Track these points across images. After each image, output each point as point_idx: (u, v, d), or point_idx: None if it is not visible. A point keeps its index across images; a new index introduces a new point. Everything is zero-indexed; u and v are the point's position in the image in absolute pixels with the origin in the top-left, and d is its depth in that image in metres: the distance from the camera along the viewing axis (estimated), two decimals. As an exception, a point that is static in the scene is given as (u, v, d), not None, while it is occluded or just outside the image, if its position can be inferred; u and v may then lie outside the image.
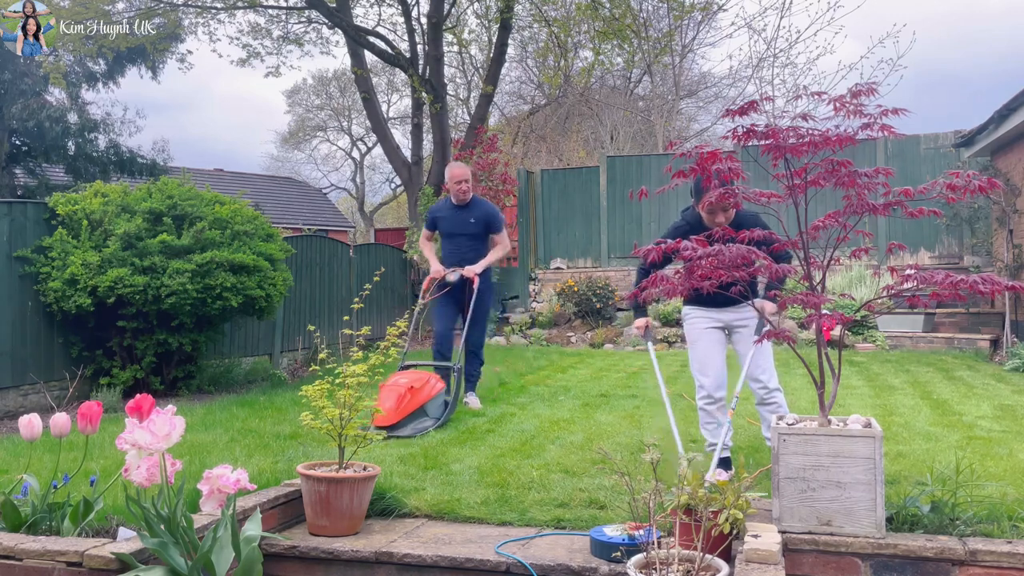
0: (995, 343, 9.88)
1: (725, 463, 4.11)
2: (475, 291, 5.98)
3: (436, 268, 6.16)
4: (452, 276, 6.07)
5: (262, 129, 65.26)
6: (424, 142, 16.35)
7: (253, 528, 2.89)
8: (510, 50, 18.43)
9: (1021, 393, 6.67)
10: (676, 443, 3.96)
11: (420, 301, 6.13)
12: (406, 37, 14.80)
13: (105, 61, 16.87)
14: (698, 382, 4.25)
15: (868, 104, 2.95)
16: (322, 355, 3.87)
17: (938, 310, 10.58)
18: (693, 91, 24.24)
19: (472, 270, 6.03)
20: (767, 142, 3.04)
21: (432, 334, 6.37)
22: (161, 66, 17.38)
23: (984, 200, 10.84)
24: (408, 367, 5.84)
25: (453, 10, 15.38)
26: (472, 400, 6.16)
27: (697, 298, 4.14)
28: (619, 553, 2.82)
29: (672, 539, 2.73)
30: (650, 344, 4.52)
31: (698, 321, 4.27)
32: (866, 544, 2.82)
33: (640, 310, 4.47)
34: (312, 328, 5.17)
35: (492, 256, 6.24)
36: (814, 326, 3.09)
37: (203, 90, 56.09)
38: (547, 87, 22.08)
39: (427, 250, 6.48)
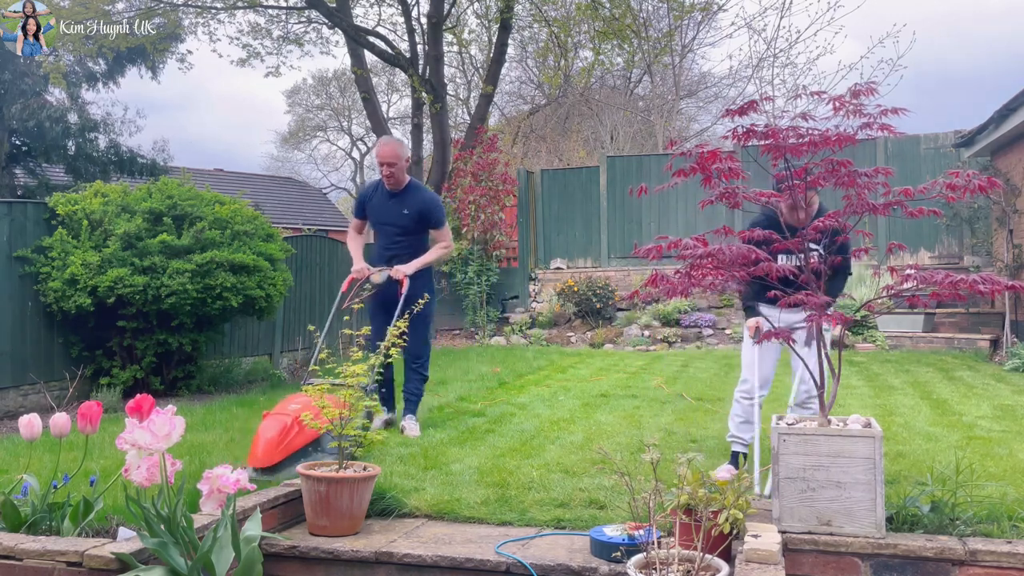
0: (995, 343, 9.88)
1: (735, 460, 4.19)
2: (401, 295, 4.96)
3: (357, 266, 5.18)
4: (377, 276, 5.10)
5: (262, 129, 65.28)
6: (424, 142, 16.34)
7: (253, 528, 2.89)
8: (510, 50, 18.43)
9: (1021, 393, 6.67)
10: (754, 458, 3.92)
11: (336, 306, 5.05)
12: (406, 37, 14.79)
13: (105, 61, 16.86)
14: (743, 376, 4.27)
15: (868, 104, 2.95)
16: (322, 355, 3.87)
17: (938, 310, 10.58)
18: (693, 91, 24.24)
19: (401, 270, 5.05)
20: (767, 142, 3.04)
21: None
22: (161, 66, 17.37)
23: (984, 200, 10.84)
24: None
25: (453, 10, 15.37)
26: (410, 425, 5.09)
27: (758, 296, 4.07)
28: (619, 553, 2.82)
29: (672, 539, 2.73)
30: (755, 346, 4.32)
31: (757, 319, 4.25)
32: (866, 544, 2.82)
33: (751, 309, 4.27)
34: (312, 328, 5.10)
35: (427, 256, 5.21)
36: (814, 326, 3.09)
37: (203, 90, 56.11)
38: (547, 87, 22.08)
39: (351, 244, 5.42)
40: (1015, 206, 10.01)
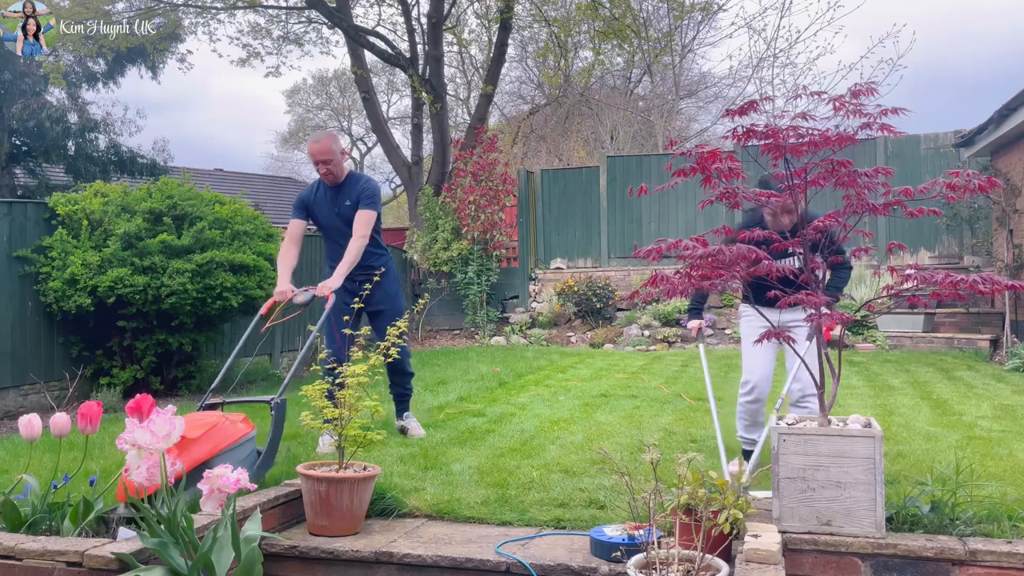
0: (995, 343, 9.88)
1: (746, 456, 4.23)
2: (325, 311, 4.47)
3: (280, 288, 4.57)
4: (301, 297, 4.53)
5: (262, 129, 65.21)
6: (424, 142, 16.35)
7: (253, 528, 2.89)
8: (510, 50, 18.44)
9: (1021, 393, 6.67)
10: (719, 450, 3.96)
11: (249, 329, 4.46)
12: (406, 37, 14.80)
13: (105, 61, 16.87)
14: (744, 377, 4.30)
15: (868, 104, 2.95)
16: (322, 355, 3.88)
17: (938, 310, 10.58)
18: (693, 91, 24.25)
19: (326, 286, 4.49)
20: (767, 142, 3.04)
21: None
22: (161, 66, 17.38)
23: (984, 200, 10.85)
24: (211, 406, 4.10)
25: (453, 10, 15.38)
26: (412, 425, 5.00)
27: (755, 297, 4.10)
28: (619, 553, 2.82)
29: (672, 539, 2.73)
30: (701, 347, 4.60)
31: (754, 319, 4.27)
32: (866, 544, 2.82)
33: (696, 312, 4.58)
34: (312, 328, 5.08)
35: (346, 260, 4.61)
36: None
37: (203, 90, 56.08)
38: (547, 87, 22.07)
39: (281, 260, 4.78)
40: (1015, 206, 10.01)
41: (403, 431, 5.00)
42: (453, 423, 5.46)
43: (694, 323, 4.56)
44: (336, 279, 4.55)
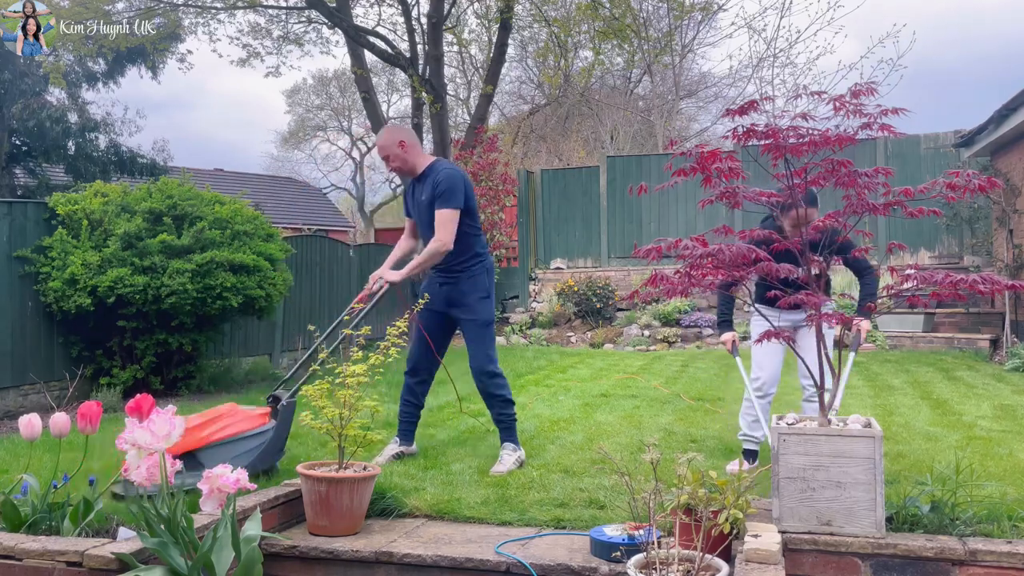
0: (995, 343, 9.88)
1: (751, 455, 4.31)
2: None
3: (372, 275, 4.35)
4: (375, 285, 4.31)
5: (262, 129, 65.28)
6: (424, 142, 16.35)
7: (253, 528, 2.89)
8: (510, 50, 18.43)
9: (1021, 393, 6.66)
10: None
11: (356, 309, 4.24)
12: (406, 37, 14.78)
13: (105, 61, 16.87)
14: (754, 374, 4.34)
15: (868, 104, 2.95)
16: (322, 355, 3.87)
17: (938, 310, 10.58)
18: (693, 91, 24.26)
19: (383, 276, 4.25)
20: (767, 142, 3.04)
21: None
22: (161, 66, 17.38)
23: (984, 200, 10.85)
24: (276, 399, 4.09)
25: (453, 10, 15.37)
26: (501, 456, 4.28)
27: (767, 298, 4.09)
28: (619, 553, 2.82)
29: (672, 539, 2.73)
30: (739, 360, 4.54)
31: (765, 320, 4.27)
32: (866, 544, 2.82)
33: (726, 324, 4.51)
34: (312, 328, 5.07)
35: (416, 259, 4.33)
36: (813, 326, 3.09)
37: (203, 89, 56.13)
38: (547, 87, 22.07)
39: (394, 251, 4.61)
40: (1015, 206, 10.01)
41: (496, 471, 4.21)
42: (453, 423, 5.46)
43: (728, 336, 4.52)
44: (395, 273, 4.23)
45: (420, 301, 4.26)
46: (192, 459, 3.58)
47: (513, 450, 4.31)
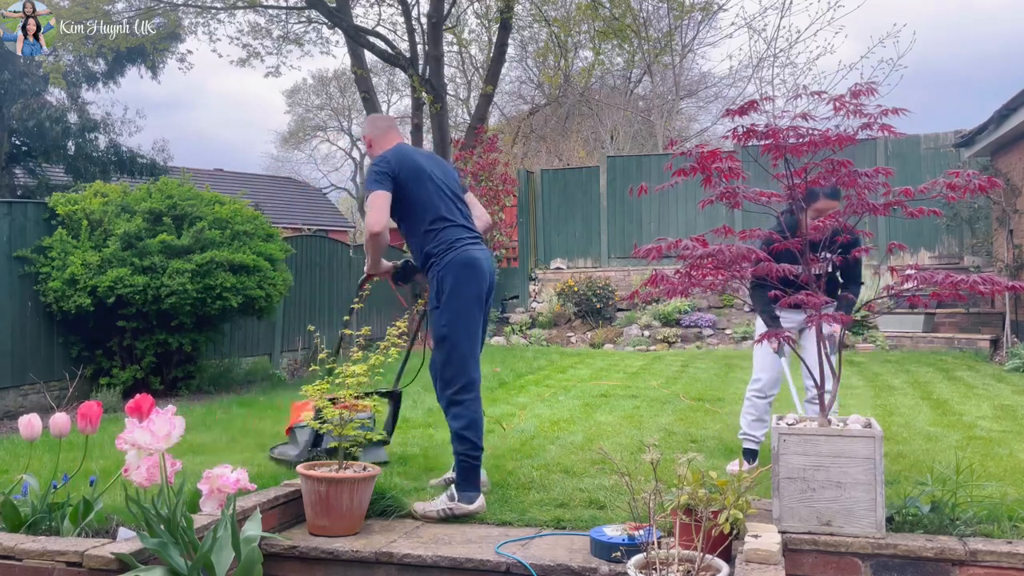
0: (995, 343, 9.88)
1: (751, 455, 4.31)
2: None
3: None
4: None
5: (262, 129, 65.28)
6: (424, 142, 16.34)
7: (253, 528, 2.89)
8: (510, 50, 18.43)
9: (1021, 393, 6.66)
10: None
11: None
12: (406, 37, 14.78)
13: (105, 61, 16.88)
14: (756, 375, 4.34)
15: (868, 104, 2.95)
16: (322, 355, 3.87)
17: (938, 310, 10.58)
18: (693, 91, 24.26)
19: (367, 269, 4.02)
20: (767, 142, 3.04)
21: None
22: (161, 66, 17.38)
23: (984, 200, 10.84)
24: (387, 394, 4.12)
25: (453, 10, 15.37)
26: (434, 502, 3.56)
27: (772, 299, 4.04)
28: (619, 553, 2.82)
29: (672, 539, 2.72)
30: (784, 360, 4.31)
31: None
32: (866, 544, 2.82)
33: (776, 318, 4.14)
34: (312, 328, 5.06)
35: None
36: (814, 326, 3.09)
37: (203, 89, 56.12)
38: (547, 87, 22.07)
39: None
40: (1015, 206, 10.01)
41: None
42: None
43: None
44: (370, 265, 3.90)
45: (420, 301, 4.22)
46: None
47: (449, 499, 3.50)
